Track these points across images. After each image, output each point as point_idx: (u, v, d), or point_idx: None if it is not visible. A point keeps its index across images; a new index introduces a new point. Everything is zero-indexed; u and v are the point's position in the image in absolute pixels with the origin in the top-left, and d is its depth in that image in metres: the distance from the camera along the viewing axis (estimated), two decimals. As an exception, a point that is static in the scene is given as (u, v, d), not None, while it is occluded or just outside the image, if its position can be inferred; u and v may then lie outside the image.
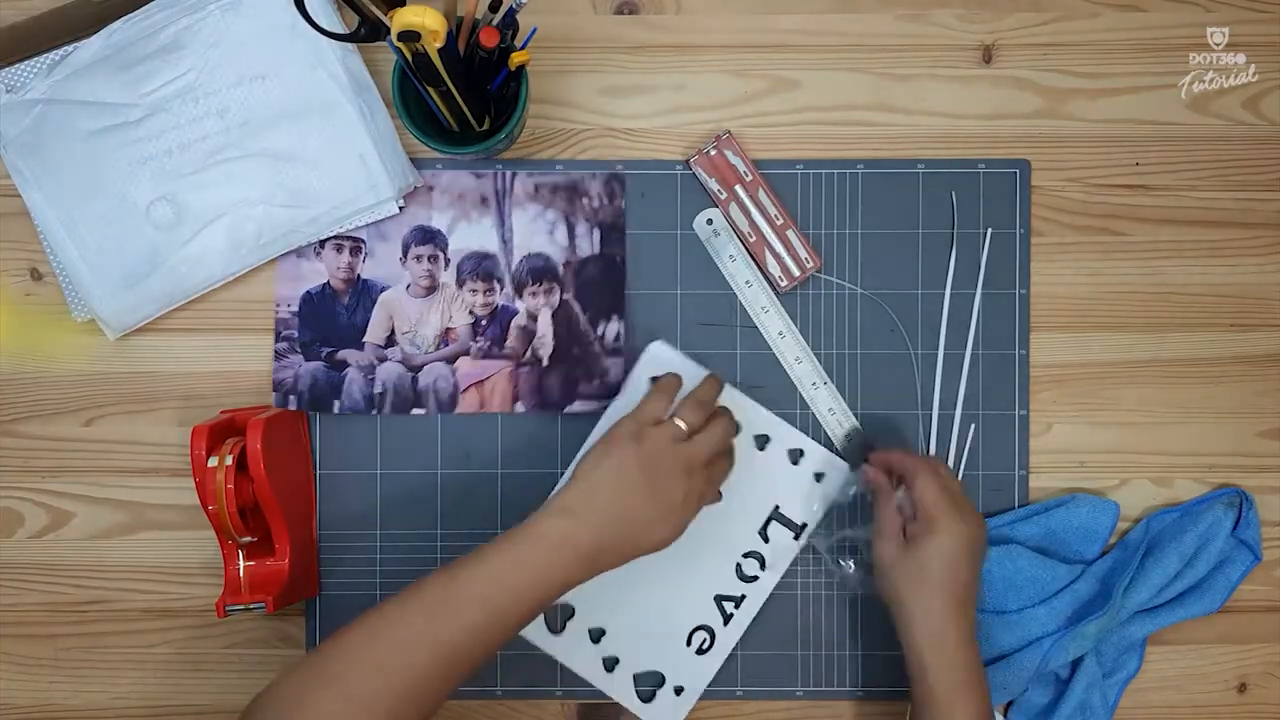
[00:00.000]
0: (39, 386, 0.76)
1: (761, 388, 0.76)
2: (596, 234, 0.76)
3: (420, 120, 0.70)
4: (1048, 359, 0.77)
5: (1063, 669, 0.74)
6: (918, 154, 0.76)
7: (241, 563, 0.71)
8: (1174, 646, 0.77)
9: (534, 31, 0.67)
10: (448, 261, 0.76)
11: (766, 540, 0.75)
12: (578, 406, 0.75)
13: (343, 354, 0.75)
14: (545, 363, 0.75)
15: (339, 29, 0.73)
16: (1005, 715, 0.76)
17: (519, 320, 0.75)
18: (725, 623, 0.75)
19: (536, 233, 0.76)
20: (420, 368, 0.75)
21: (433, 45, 0.60)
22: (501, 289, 0.75)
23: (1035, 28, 0.76)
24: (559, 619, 0.75)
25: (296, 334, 0.75)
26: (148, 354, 0.76)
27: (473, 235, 0.76)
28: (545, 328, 0.75)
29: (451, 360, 0.75)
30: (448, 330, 0.75)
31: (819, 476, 0.75)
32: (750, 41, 0.76)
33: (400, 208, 0.75)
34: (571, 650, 0.75)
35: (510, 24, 0.64)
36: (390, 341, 0.75)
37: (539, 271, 0.75)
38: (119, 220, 0.74)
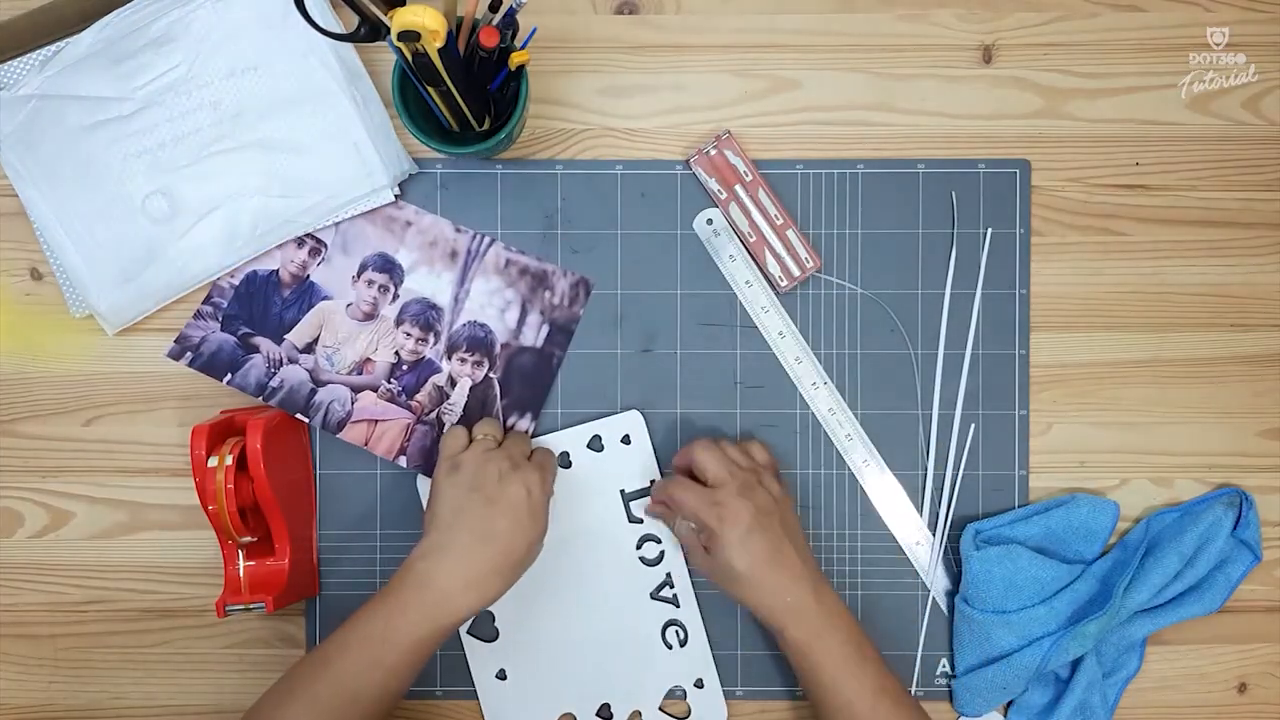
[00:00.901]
0: (39, 386, 0.76)
1: (761, 387, 0.76)
2: (545, 329, 0.75)
3: (420, 120, 0.70)
4: (1048, 359, 0.77)
5: (1063, 669, 0.75)
6: (918, 154, 0.76)
7: (241, 563, 0.71)
8: (1174, 646, 0.77)
9: (534, 31, 0.67)
10: (396, 297, 0.75)
11: (640, 520, 0.76)
12: None
13: (258, 339, 0.75)
14: (446, 430, 0.75)
15: (335, 26, 0.73)
16: (1005, 715, 0.76)
17: (438, 379, 0.75)
18: (677, 605, 0.75)
19: (489, 305, 0.75)
20: (324, 384, 0.75)
21: (433, 45, 0.60)
22: (434, 344, 0.75)
23: (1035, 28, 0.76)
24: None
25: (225, 305, 0.75)
26: (147, 353, 0.76)
27: (429, 283, 0.75)
28: (460, 397, 0.75)
29: (357, 389, 0.75)
30: (367, 360, 0.75)
31: (626, 439, 0.75)
32: (750, 41, 0.76)
33: (396, 196, 0.75)
34: None
35: (510, 24, 0.64)
36: (309, 349, 0.75)
37: (476, 342, 0.75)
38: (115, 215, 0.74)
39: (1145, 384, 0.77)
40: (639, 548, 0.76)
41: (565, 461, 0.75)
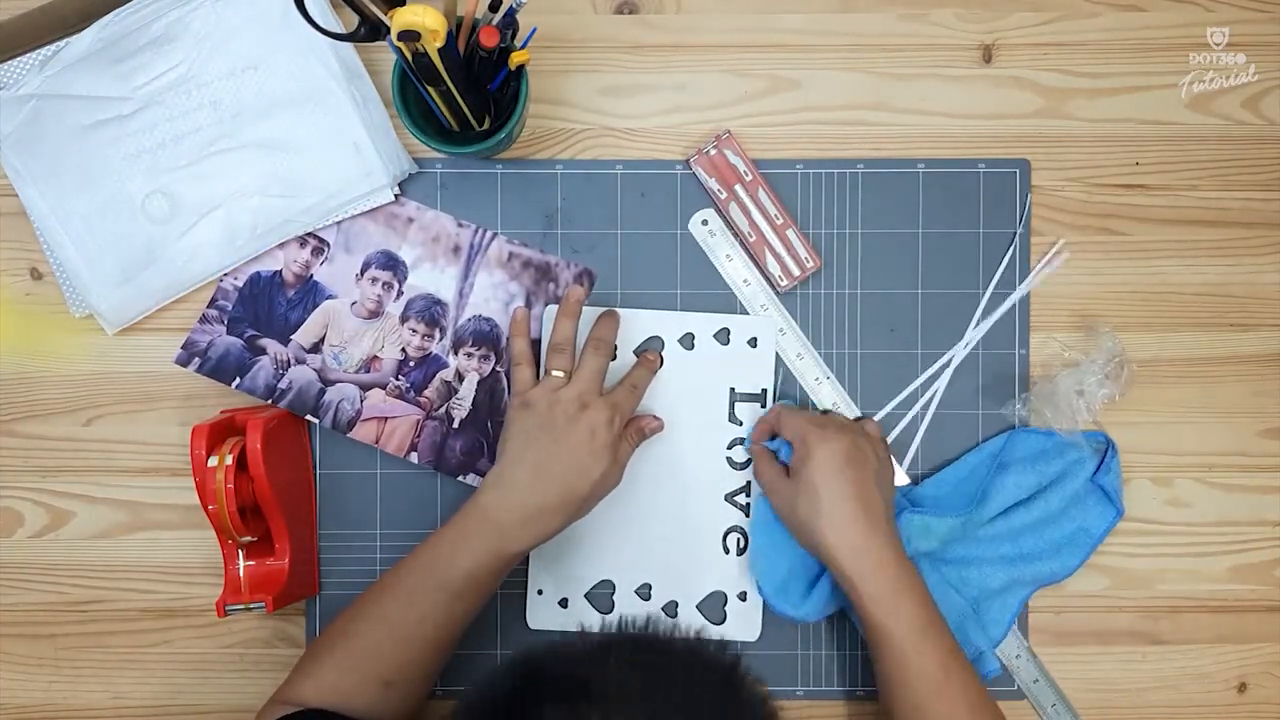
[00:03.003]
0: (39, 386, 0.76)
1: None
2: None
3: (420, 120, 0.70)
4: (1048, 359, 0.77)
5: None
6: (918, 154, 0.76)
7: (241, 562, 0.71)
8: (1174, 646, 0.77)
9: (534, 31, 0.67)
10: (400, 294, 0.75)
11: (740, 423, 0.75)
12: (471, 480, 0.75)
13: (265, 341, 0.75)
14: (455, 424, 0.75)
15: (335, 26, 0.73)
16: None
17: (445, 374, 0.75)
18: (747, 514, 0.75)
19: (494, 299, 0.75)
20: (333, 383, 0.75)
21: (433, 45, 0.60)
22: (440, 339, 0.75)
23: (1035, 28, 0.76)
24: (605, 600, 0.75)
25: (230, 308, 0.75)
26: (147, 353, 0.76)
27: (433, 279, 0.75)
28: (468, 391, 0.75)
29: (365, 387, 0.75)
30: (374, 358, 0.75)
31: (753, 342, 0.75)
32: (750, 41, 0.76)
33: (396, 196, 0.75)
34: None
35: (510, 24, 0.64)
36: (315, 349, 0.75)
37: (482, 336, 0.75)
38: (115, 214, 0.74)
39: (1145, 384, 0.77)
40: (729, 448, 0.75)
41: (689, 343, 0.75)
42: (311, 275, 0.75)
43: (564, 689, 0.49)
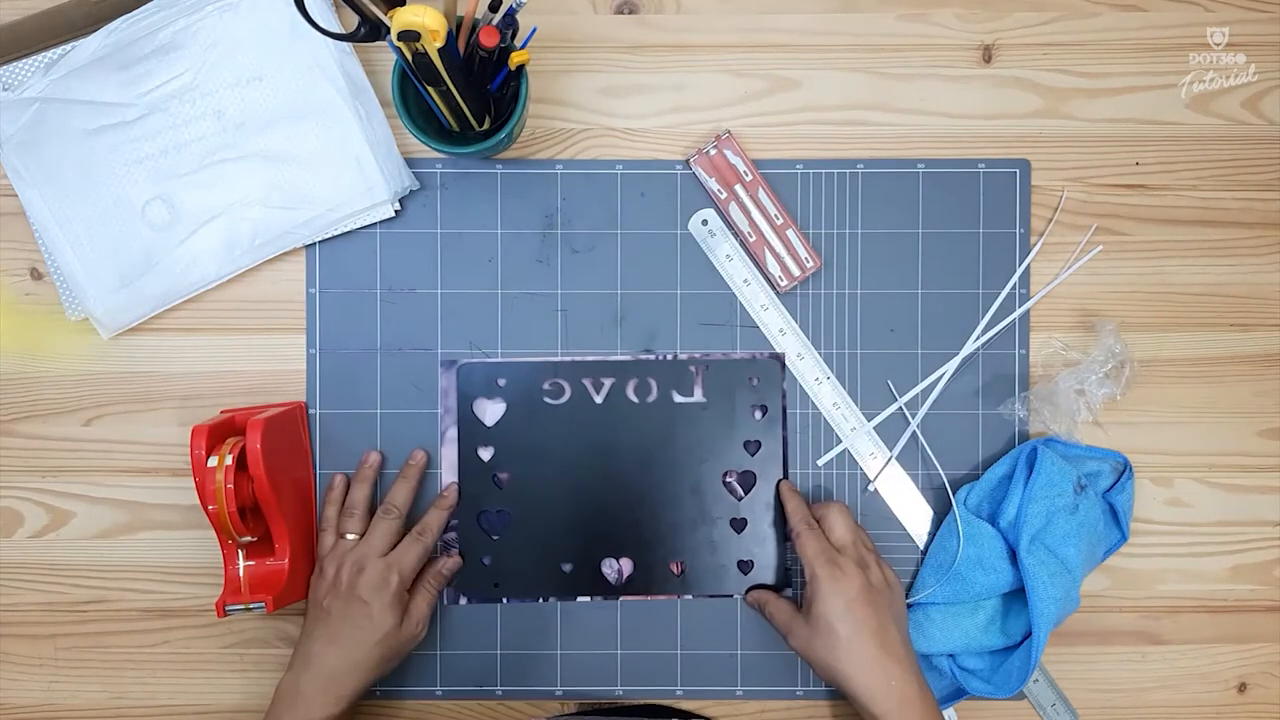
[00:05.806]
0: (39, 386, 0.76)
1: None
2: None
3: (420, 120, 0.70)
4: (1048, 359, 0.77)
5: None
6: (918, 154, 0.76)
7: (241, 563, 0.71)
8: (1174, 646, 0.77)
9: (534, 31, 0.67)
10: None
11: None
12: None
13: None
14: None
15: (337, 29, 0.73)
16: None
17: None
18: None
19: None
20: None
21: (433, 45, 0.60)
22: None
23: (1035, 28, 0.76)
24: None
25: None
26: (148, 354, 0.76)
27: None
28: None
29: None
30: None
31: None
32: (750, 41, 0.76)
33: (396, 211, 0.75)
34: None
35: (510, 24, 0.64)
36: None
37: None
38: (114, 219, 0.74)
39: (1145, 384, 0.77)
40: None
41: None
42: None
43: None
